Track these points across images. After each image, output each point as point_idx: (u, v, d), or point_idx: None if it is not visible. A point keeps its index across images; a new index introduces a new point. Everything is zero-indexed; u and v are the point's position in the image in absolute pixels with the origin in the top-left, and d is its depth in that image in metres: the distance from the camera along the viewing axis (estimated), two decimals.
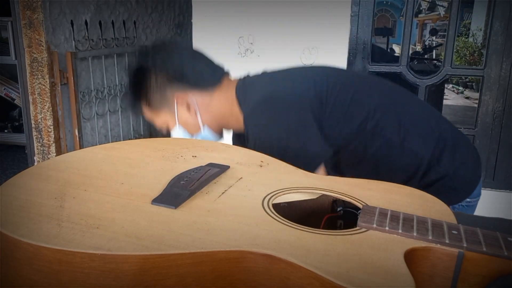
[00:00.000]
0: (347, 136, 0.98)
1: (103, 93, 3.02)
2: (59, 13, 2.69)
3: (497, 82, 2.12)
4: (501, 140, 2.23)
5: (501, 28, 2.07)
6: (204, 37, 2.12)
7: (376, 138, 0.97)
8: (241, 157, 0.81)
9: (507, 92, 2.16)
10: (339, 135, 0.97)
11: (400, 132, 0.97)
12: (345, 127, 0.97)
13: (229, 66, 2.03)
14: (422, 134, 1.00)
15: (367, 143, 0.97)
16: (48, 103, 2.66)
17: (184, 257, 0.49)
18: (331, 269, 0.48)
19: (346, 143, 0.98)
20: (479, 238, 0.54)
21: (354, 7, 2.02)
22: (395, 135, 0.97)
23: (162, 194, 0.63)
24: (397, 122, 0.98)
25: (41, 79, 2.63)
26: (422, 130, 1.00)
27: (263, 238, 0.53)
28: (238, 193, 0.66)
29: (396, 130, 0.97)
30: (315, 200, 0.72)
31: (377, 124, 0.96)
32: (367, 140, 0.97)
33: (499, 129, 2.23)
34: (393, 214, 0.60)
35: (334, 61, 2.00)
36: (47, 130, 2.72)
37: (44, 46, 2.58)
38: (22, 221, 0.54)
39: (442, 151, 0.99)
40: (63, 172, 0.70)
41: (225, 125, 1.10)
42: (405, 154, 0.98)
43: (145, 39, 3.41)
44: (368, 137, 0.97)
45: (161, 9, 3.59)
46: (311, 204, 0.72)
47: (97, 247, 0.49)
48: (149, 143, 0.88)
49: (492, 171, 2.28)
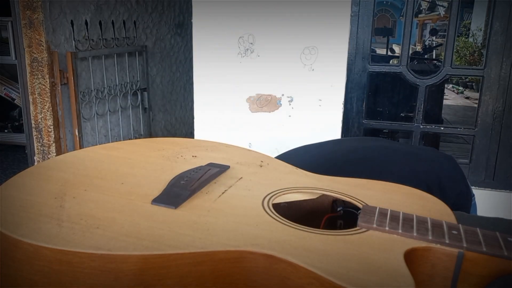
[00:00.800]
0: None
1: (103, 93, 3.02)
2: (59, 13, 2.69)
3: (497, 82, 2.12)
4: (501, 140, 2.23)
5: (501, 28, 2.07)
6: (204, 37, 2.12)
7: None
8: (241, 157, 0.81)
9: (507, 92, 2.16)
10: None
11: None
12: None
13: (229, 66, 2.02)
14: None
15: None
16: (48, 103, 2.66)
17: (184, 257, 0.49)
18: (331, 269, 0.48)
19: None
20: (479, 238, 0.54)
21: (354, 7, 2.02)
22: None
23: (162, 194, 0.63)
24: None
25: (41, 79, 2.63)
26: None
27: (263, 238, 0.53)
28: (238, 193, 0.66)
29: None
30: (315, 200, 0.72)
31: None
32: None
33: (499, 129, 2.23)
34: (393, 214, 0.60)
35: (334, 61, 2.00)
36: (47, 130, 2.72)
37: (44, 46, 2.58)
38: (22, 221, 0.54)
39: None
40: (63, 172, 0.70)
41: None
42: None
43: (145, 39, 3.41)
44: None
45: (161, 9, 3.58)
46: (311, 204, 0.72)
47: (97, 247, 0.49)
48: (149, 143, 0.88)
49: (492, 171, 2.28)
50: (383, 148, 1.22)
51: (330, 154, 1.22)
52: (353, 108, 2.10)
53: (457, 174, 1.13)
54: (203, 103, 2.22)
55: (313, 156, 1.18)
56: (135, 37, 3.26)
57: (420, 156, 1.17)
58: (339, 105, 2.03)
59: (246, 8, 2.06)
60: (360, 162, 1.15)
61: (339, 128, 2.05)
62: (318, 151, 1.22)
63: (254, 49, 2.12)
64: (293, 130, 2.10)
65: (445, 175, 1.12)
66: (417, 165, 1.13)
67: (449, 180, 1.09)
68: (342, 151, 1.24)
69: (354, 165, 1.15)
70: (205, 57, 2.14)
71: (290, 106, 2.08)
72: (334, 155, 1.26)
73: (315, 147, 1.27)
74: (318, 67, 2.01)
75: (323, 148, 1.26)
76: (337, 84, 2.01)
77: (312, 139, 1.48)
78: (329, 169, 1.04)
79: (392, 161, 1.19)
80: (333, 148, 1.27)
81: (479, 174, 2.30)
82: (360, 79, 2.08)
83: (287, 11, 2.03)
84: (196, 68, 2.16)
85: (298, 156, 1.20)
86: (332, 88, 2.02)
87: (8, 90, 3.60)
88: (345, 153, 1.21)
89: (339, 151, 1.25)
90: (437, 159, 1.16)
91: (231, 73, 2.13)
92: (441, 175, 1.09)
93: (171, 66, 3.75)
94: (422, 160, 1.15)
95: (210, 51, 2.13)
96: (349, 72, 2.05)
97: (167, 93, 3.71)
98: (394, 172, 1.16)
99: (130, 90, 3.23)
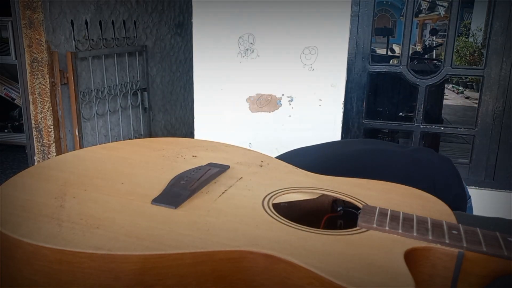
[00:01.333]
0: None
1: (103, 93, 3.02)
2: (59, 13, 2.69)
3: (497, 82, 2.12)
4: (501, 140, 2.23)
5: (501, 28, 2.07)
6: (204, 37, 2.12)
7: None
8: (241, 157, 0.81)
9: (507, 92, 2.16)
10: None
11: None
12: None
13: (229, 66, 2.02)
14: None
15: None
16: (48, 103, 2.66)
17: (184, 257, 0.49)
18: (331, 269, 0.48)
19: None
20: (479, 238, 0.54)
21: (354, 7, 2.02)
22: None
23: (162, 194, 0.63)
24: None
25: (41, 79, 2.63)
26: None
27: (263, 238, 0.53)
28: (238, 193, 0.66)
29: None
30: (315, 200, 0.72)
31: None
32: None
33: (499, 129, 2.23)
34: (393, 214, 0.60)
35: (334, 61, 2.00)
36: (47, 130, 2.72)
37: (44, 46, 2.58)
38: (22, 221, 0.54)
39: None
40: (63, 172, 0.70)
41: None
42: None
43: (145, 39, 3.41)
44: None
45: (161, 9, 3.58)
46: (311, 204, 0.72)
47: (97, 247, 0.49)
48: (149, 143, 0.88)
49: (492, 171, 2.28)
50: (379, 152, 1.22)
51: (324, 161, 1.22)
52: (353, 108, 2.10)
53: (453, 177, 1.13)
54: (203, 103, 2.22)
55: (306, 161, 1.18)
56: (135, 37, 3.26)
57: (416, 160, 1.18)
58: (339, 105, 2.03)
59: (246, 8, 2.06)
60: (353, 168, 1.16)
61: (339, 128, 2.05)
62: (311, 158, 1.22)
63: (254, 49, 2.12)
64: (293, 130, 2.10)
65: (440, 178, 1.12)
66: (412, 169, 1.14)
67: (445, 183, 1.10)
68: (337, 157, 1.25)
69: (348, 172, 1.16)
70: (205, 57, 2.14)
71: (290, 106, 2.08)
72: (327, 162, 1.27)
73: (312, 150, 1.27)
74: (318, 67, 2.01)
75: (318, 152, 1.26)
76: (337, 84, 2.01)
77: (312, 139, 1.48)
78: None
79: (387, 165, 1.20)
80: (328, 151, 1.27)
81: (479, 174, 2.30)
82: (360, 79, 2.08)
83: (287, 11, 2.03)
84: (196, 68, 2.16)
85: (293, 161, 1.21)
86: (332, 88, 2.02)
87: (8, 90, 3.59)
88: (339, 159, 1.21)
89: (333, 158, 1.25)
90: (433, 161, 1.16)
91: (231, 73, 2.13)
92: (436, 179, 1.10)
93: (171, 66, 3.75)
94: (418, 164, 1.15)
95: (210, 51, 2.13)
96: (349, 72, 2.05)
97: (167, 93, 3.72)
98: (389, 176, 1.17)
99: (130, 90, 3.23)
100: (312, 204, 0.72)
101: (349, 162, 1.18)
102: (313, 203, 0.72)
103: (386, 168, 1.14)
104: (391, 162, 1.20)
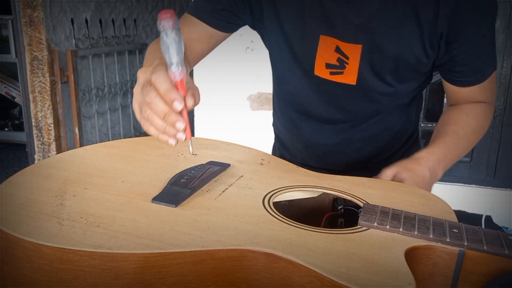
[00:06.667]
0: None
1: (103, 91, 3.02)
2: (60, 11, 2.69)
3: (498, 81, 2.12)
4: (502, 139, 2.23)
5: (501, 27, 2.07)
6: None
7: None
8: (242, 155, 0.81)
9: (508, 90, 2.16)
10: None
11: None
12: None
13: (229, 64, 2.02)
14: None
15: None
16: (49, 101, 2.66)
17: (185, 256, 0.49)
18: (331, 267, 0.48)
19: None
20: (480, 237, 0.54)
21: None
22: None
23: (163, 192, 0.63)
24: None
25: (41, 77, 2.63)
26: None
27: (263, 236, 0.53)
28: (238, 191, 0.66)
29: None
30: (316, 199, 0.72)
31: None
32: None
33: (500, 127, 2.22)
34: (394, 212, 0.60)
35: None
36: (47, 128, 2.72)
37: (44, 44, 2.58)
38: (23, 219, 0.54)
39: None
40: (64, 170, 0.70)
41: None
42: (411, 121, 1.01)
43: (145, 37, 3.41)
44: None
45: (161, 7, 3.58)
46: (312, 202, 0.72)
47: (97, 246, 0.49)
48: (150, 141, 0.88)
49: (493, 169, 2.28)
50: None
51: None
52: None
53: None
54: (203, 102, 2.21)
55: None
56: (136, 35, 3.26)
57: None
58: None
59: None
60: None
61: None
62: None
63: (254, 47, 2.11)
64: None
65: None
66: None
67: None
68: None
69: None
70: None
71: None
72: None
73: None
74: None
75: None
76: None
77: None
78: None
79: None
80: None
81: (480, 173, 2.30)
82: None
83: None
84: (196, 67, 2.16)
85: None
86: None
87: (9, 89, 3.59)
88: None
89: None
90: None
91: (231, 72, 2.13)
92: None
93: None
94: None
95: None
96: None
97: None
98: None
99: (130, 88, 3.23)
100: (312, 202, 0.72)
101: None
102: (314, 201, 0.72)
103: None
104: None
